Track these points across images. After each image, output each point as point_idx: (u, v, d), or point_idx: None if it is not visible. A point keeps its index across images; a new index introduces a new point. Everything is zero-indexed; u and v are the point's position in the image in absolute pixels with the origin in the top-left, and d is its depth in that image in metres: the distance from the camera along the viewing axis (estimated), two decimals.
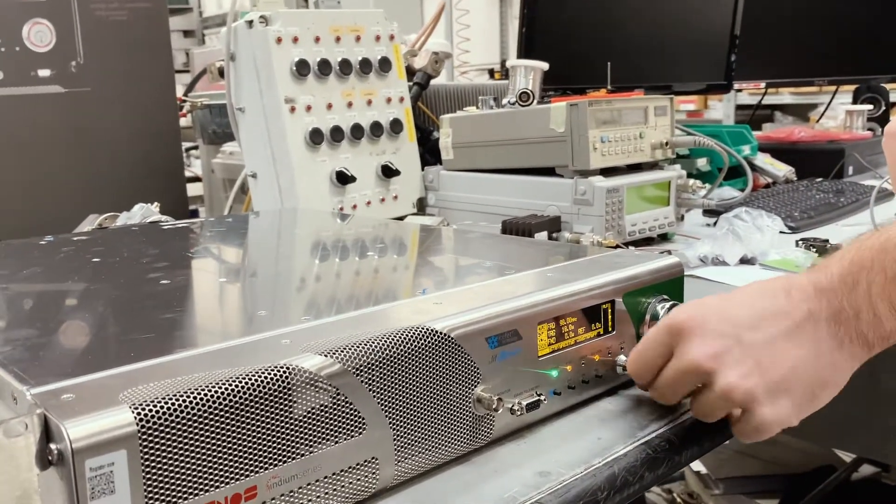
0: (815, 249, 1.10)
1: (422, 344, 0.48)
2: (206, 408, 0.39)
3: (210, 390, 0.39)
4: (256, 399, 0.40)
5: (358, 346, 0.45)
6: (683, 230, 1.30)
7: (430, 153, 1.42)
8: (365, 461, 0.46)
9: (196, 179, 2.04)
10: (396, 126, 1.29)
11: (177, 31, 5.18)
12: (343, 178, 1.20)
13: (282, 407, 0.42)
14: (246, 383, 0.40)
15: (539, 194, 1.19)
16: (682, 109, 3.84)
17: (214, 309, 0.54)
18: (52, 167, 1.34)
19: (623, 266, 0.64)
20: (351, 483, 0.45)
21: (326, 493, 0.44)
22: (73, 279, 0.65)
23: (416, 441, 0.49)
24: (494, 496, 0.47)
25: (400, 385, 0.47)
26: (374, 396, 0.46)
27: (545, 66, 1.32)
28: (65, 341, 0.47)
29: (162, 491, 0.37)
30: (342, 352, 0.45)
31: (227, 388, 0.39)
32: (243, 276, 0.66)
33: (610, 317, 0.61)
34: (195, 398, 0.38)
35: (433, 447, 0.50)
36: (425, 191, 1.35)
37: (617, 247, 1.13)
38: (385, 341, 0.47)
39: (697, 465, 2.09)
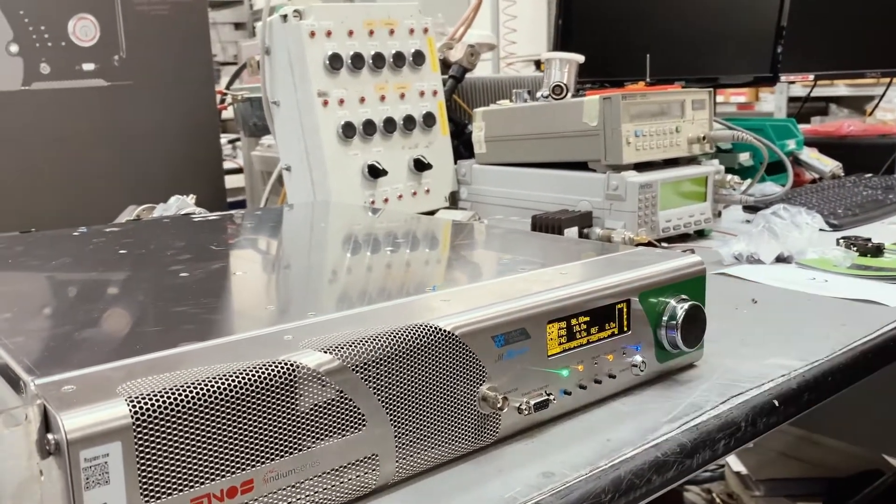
0: (855, 248, 1.06)
1: (424, 342, 0.48)
2: (201, 402, 0.39)
3: (206, 385, 0.39)
4: (253, 394, 0.41)
5: (358, 344, 0.46)
6: (721, 227, 1.28)
7: (465, 147, 1.42)
8: (365, 457, 0.46)
9: (240, 171, 2.08)
10: (429, 119, 1.29)
11: (227, 24, 5.26)
12: (375, 172, 1.21)
13: (279, 402, 0.42)
14: (242, 379, 0.41)
15: (571, 189, 1.18)
16: (732, 102, 3.76)
17: (226, 303, 0.55)
18: (96, 159, 1.37)
19: (641, 265, 0.63)
20: (351, 479, 0.46)
21: (326, 489, 0.45)
22: (98, 270, 0.66)
23: (418, 438, 0.49)
24: (496, 496, 0.47)
25: (401, 382, 0.47)
26: (375, 393, 0.46)
27: (580, 58, 1.30)
28: (76, 333, 0.49)
29: (157, 482, 0.38)
30: (342, 349, 0.45)
31: (223, 383, 0.40)
32: (260, 270, 0.66)
33: (625, 316, 0.61)
34: (191, 392, 0.39)
35: (436, 445, 0.50)
36: (458, 185, 1.35)
37: (649, 243, 1.11)
38: (386, 339, 0.47)
39: (738, 466, 2.05)
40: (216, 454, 0.40)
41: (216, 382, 0.40)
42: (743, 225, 1.28)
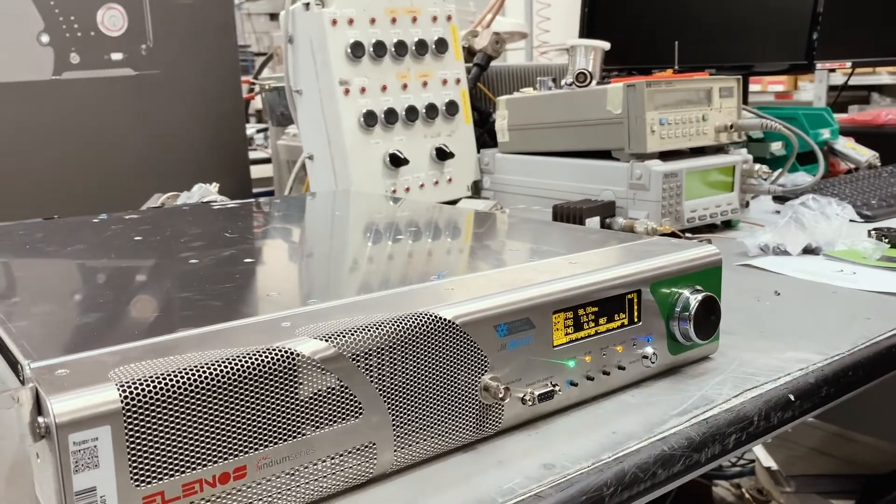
0: (887, 240, 1.03)
1: (424, 330, 0.48)
2: (192, 388, 0.39)
3: (197, 371, 0.39)
4: (246, 381, 0.41)
5: (355, 332, 0.45)
6: (750, 217, 1.25)
7: (489, 135, 1.41)
8: (362, 446, 0.46)
9: (270, 160, 2.09)
10: (452, 108, 1.28)
11: (262, 14, 5.30)
12: (396, 161, 1.21)
13: (273, 390, 0.42)
14: (234, 365, 0.41)
15: (594, 178, 1.16)
16: (770, 91, 3.68)
17: (230, 290, 0.55)
18: (124, 147, 1.39)
19: (653, 255, 0.62)
20: (347, 467, 0.46)
21: (322, 476, 0.45)
22: (110, 257, 0.67)
23: (417, 428, 0.48)
24: (494, 487, 0.47)
25: (399, 371, 0.47)
26: (372, 381, 0.46)
27: (606, 45, 1.28)
28: (78, 318, 0.49)
29: (147, 467, 0.38)
30: (338, 337, 0.44)
31: (214, 370, 0.40)
32: (270, 258, 0.66)
33: (636, 307, 0.59)
34: (181, 378, 0.39)
35: (436, 435, 0.49)
36: (481, 174, 1.34)
37: (672, 234, 1.09)
38: (383, 327, 0.46)
39: (768, 461, 2.02)
40: (207, 440, 0.40)
41: (208, 369, 0.40)
42: (772, 216, 1.25)
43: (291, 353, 0.42)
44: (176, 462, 0.39)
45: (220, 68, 1.44)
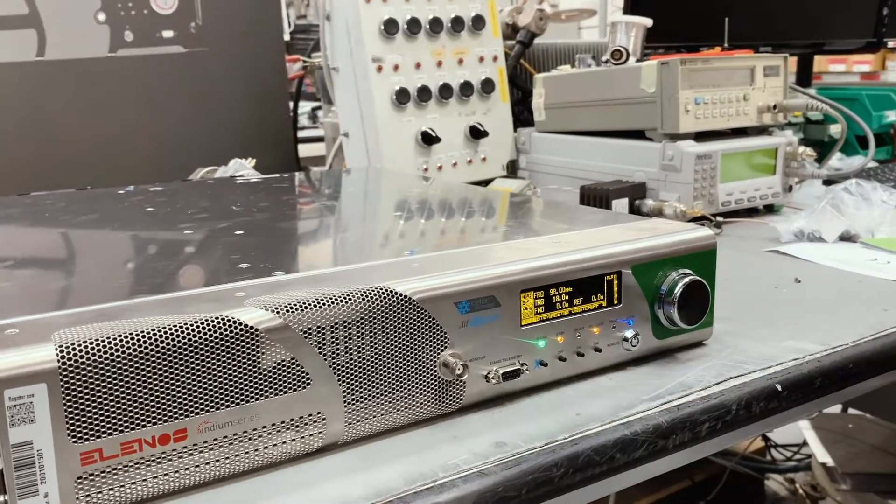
0: None
1: (378, 304, 0.48)
2: (131, 351, 0.41)
3: (137, 336, 0.41)
4: (184, 348, 0.42)
5: (304, 304, 0.46)
6: (796, 202, 1.20)
7: (531, 114, 1.39)
8: (309, 415, 0.47)
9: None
10: (488, 86, 1.27)
11: None
12: (428, 139, 1.21)
13: (213, 357, 0.43)
14: (174, 332, 0.42)
15: (627, 159, 1.14)
16: (855, 72, 3.49)
17: (207, 260, 0.56)
18: (175, 122, 1.44)
19: (641, 237, 0.60)
20: (295, 436, 0.46)
21: (268, 443, 0.46)
22: (114, 226, 0.70)
23: (369, 400, 0.49)
24: (439, 461, 0.47)
25: (352, 343, 0.47)
26: (322, 353, 0.46)
27: (648, 22, 1.24)
28: (53, 282, 0.52)
29: (84, 424, 0.40)
30: (286, 308, 0.45)
31: (154, 335, 0.41)
32: (261, 231, 0.68)
33: (616, 289, 0.58)
34: (120, 342, 0.40)
35: (392, 408, 0.50)
36: (517, 153, 1.32)
37: (702, 217, 1.06)
38: (335, 300, 0.47)
39: (825, 457, 1.94)
40: (146, 402, 0.41)
41: (147, 334, 0.41)
42: (818, 201, 1.19)
43: (234, 322, 0.44)
44: (114, 421, 0.41)
45: (265, 45, 1.47)
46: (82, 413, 0.40)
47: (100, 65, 1.40)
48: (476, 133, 1.25)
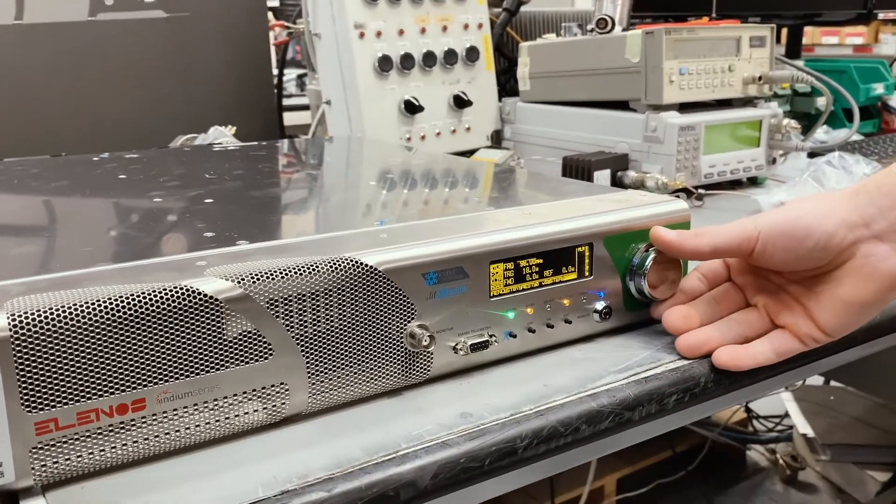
0: None
1: (343, 275, 0.48)
2: (85, 321, 0.40)
3: (90, 305, 0.40)
4: (139, 317, 0.41)
5: (266, 273, 0.45)
6: (780, 174, 1.20)
7: (517, 83, 1.37)
8: (272, 386, 0.46)
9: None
10: (472, 54, 1.25)
11: None
12: (411, 108, 1.19)
13: (171, 327, 0.42)
14: (131, 301, 0.41)
15: (610, 130, 1.13)
16: (847, 44, 3.47)
17: (170, 227, 0.56)
18: (155, 88, 1.42)
19: (615, 209, 0.60)
20: (258, 406, 0.46)
21: (230, 413, 0.45)
22: (83, 194, 0.69)
23: (334, 371, 0.48)
24: (404, 432, 0.47)
25: (316, 314, 0.47)
26: (285, 323, 0.46)
27: None
28: (15, 248, 0.51)
29: (38, 394, 0.39)
30: (247, 278, 0.45)
31: (108, 305, 0.41)
32: (230, 199, 0.67)
33: (587, 261, 0.58)
34: (74, 311, 0.40)
35: (357, 379, 0.49)
36: (502, 123, 1.31)
37: (684, 189, 1.06)
38: (298, 270, 0.46)
39: (805, 428, 1.96)
40: (101, 372, 0.41)
41: (102, 304, 0.41)
42: (801, 174, 1.19)
43: (192, 292, 0.43)
44: (70, 391, 0.40)
45: (247, 11, 1.44)
46: (36, 382, 0.39)
47: (79, 29, 1.37)
48: (460, 102, 1.24)
